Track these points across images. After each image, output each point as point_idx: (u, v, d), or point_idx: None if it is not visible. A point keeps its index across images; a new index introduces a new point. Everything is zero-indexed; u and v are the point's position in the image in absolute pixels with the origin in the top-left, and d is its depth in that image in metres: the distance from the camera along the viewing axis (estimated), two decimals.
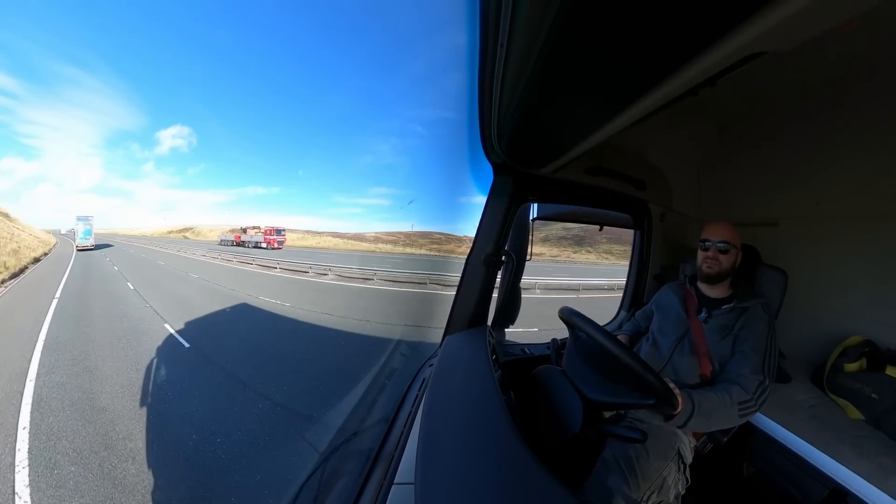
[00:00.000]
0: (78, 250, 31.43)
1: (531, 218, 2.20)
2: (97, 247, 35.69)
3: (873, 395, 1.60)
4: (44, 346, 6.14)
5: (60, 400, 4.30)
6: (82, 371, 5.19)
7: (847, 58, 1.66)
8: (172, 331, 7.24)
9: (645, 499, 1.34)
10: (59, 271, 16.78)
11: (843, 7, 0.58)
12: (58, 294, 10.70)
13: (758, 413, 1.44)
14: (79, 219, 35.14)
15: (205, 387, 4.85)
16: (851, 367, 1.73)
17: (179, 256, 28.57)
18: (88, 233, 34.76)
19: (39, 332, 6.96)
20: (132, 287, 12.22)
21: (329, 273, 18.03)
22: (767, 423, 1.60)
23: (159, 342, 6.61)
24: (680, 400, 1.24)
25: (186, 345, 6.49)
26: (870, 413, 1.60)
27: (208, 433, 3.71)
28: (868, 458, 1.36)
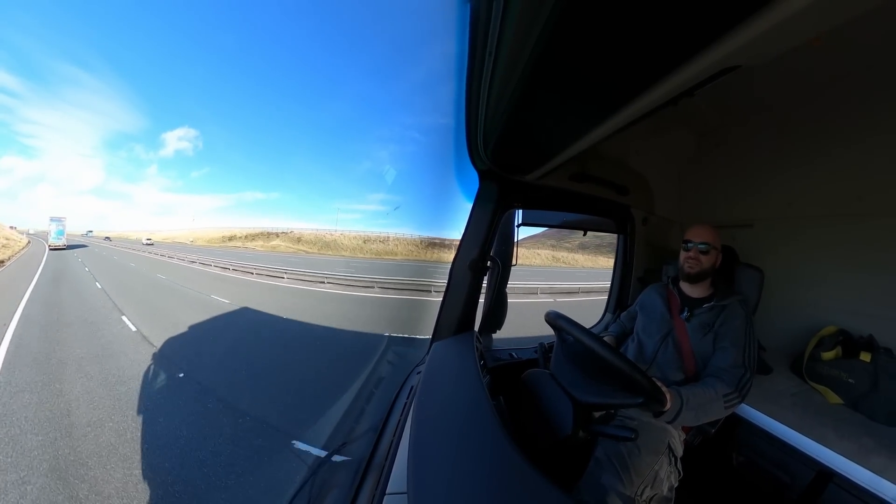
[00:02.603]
0: (50, 249, 32.89)
1: (516, 224, 2.23)
2: (69, 247, 37.73)
3: (850, 380, 1.69)
4: None
5: None
6: None
7: (812, 71, 1.77)
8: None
9: (639, 494, 1.36)
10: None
11: (809, 25, 0.62)
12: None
13: (743, 404, 1.50)
14: (52, 220, 37.53)
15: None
16: (828, 355, 1.82)
17: None
18: (61, 233, 36.72)
19: None
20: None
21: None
22: (753, 414, 1.66)
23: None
24: (669, 397, 1.27)
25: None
26: (848, 397, 1.69)
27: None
28: (850, 438, 1.43)
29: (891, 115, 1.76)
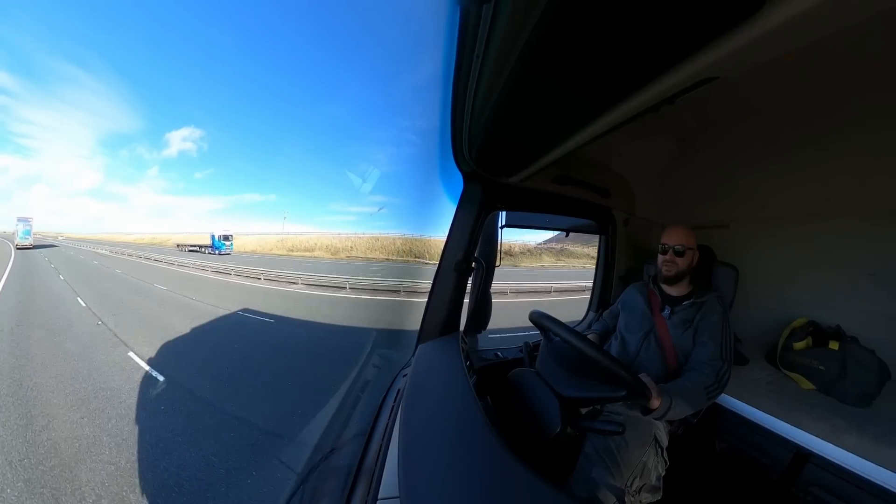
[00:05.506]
0: (17, 248, 33.83)
1: (500, 225, 2.25)
2: (35, 246, 38.39)
3: (820, 367, 1.80)
4: None
5: None
6: None
7: (785, 84, 1.87)
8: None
9: (629, 485, 1.40)
10: None
11: (782, 42, 0.67)
12: None
13: (723, 394, 1.57)
14: (19, 220, 38.49)
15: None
16: (799, 345, 1.93)
17: None
18: (27, 233, 37.60)
19: None
20: None
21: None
22: (732, 402, 1.74)
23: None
24: (655, 392, 1.30)
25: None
26: (819, 383, 1.79)
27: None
28: (823, 421, 1.52)
29: (854, 124, 1.88)
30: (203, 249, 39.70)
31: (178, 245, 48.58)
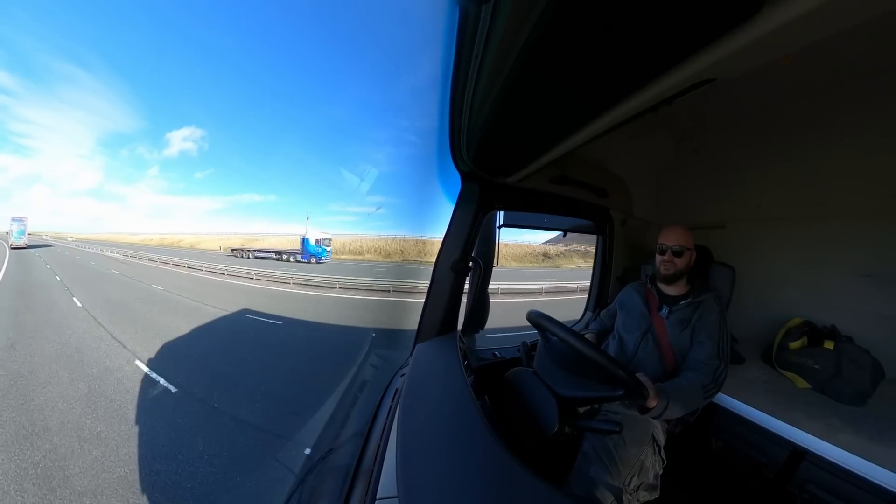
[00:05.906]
0: (11, 248, 34.13)
1: (497, 225, 2.25)
2: (29, 246, 38.36)
3: (816, 367, 1.82)
4: None
5: None
6: None
7: (782, 86, 1.89)
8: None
9: (627, 483, 1.41)
10: None
11: (780, 45, 0.68)
12: None
13: (719, 392, 1.58)
14: (13, 220, 38.63)
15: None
16: (795, 344, 1.95)
17: None
18: (22, 233, 37.59)
19: None
20: None
21: None
22: (729, 401, 1.75)
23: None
24: (653, 392, 1.30)
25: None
26: (814, 382, 1.81)
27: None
28: (818, 419, 1.54)
29: (851, 126, 1.91)
30: (284, 256, 29.71)
31: (232, 250, 36.81)
